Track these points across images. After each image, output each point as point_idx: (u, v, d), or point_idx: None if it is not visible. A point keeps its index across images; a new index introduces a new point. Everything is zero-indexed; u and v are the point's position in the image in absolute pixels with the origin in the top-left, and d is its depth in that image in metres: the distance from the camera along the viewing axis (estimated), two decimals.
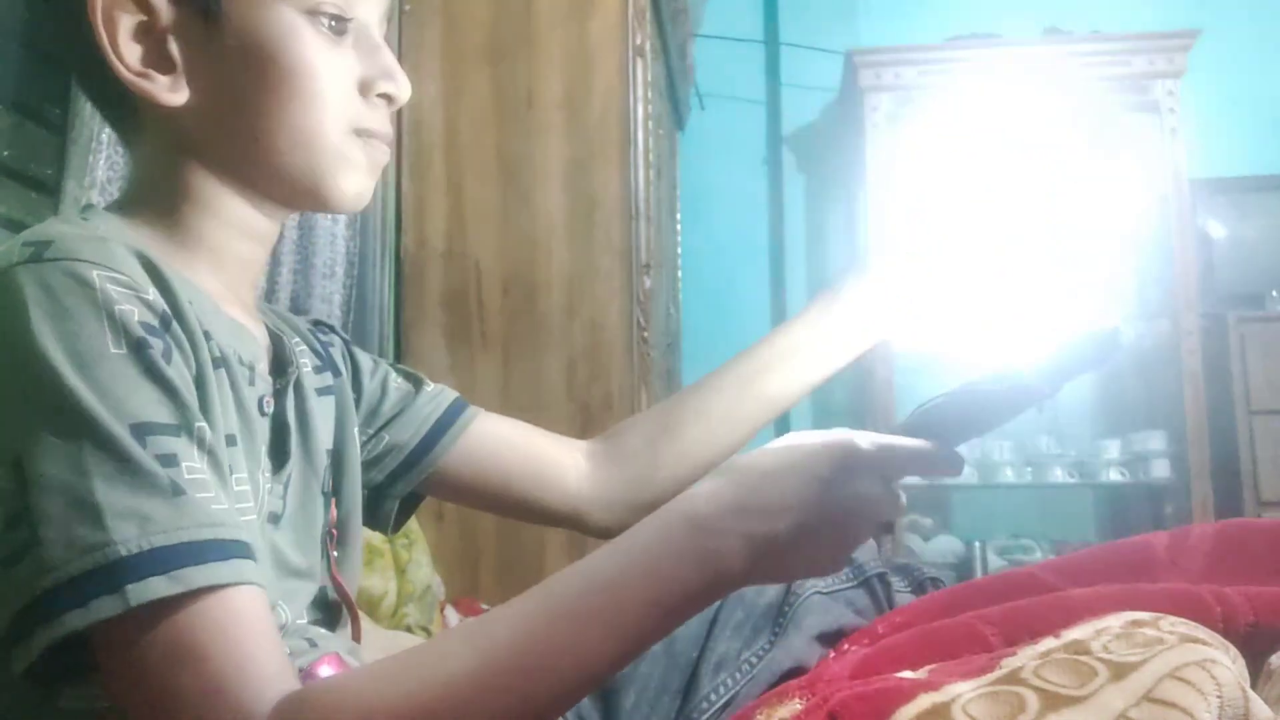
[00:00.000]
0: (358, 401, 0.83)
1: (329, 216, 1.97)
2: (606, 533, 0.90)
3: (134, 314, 0.54)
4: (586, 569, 0.53)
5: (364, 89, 0.68)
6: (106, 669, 0.52)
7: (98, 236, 0.57)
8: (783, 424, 3.43)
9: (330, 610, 0.73)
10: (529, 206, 2.12)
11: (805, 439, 0.55)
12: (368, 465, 0.83)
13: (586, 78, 2.13)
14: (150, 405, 0.53)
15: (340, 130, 0.67)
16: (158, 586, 0.50)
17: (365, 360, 0.86)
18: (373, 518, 0.85)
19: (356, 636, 0.76)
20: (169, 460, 0.52)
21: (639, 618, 0.52)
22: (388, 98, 0.69)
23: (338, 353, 0.83)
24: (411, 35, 2.19)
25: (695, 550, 0.52)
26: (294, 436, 0.71)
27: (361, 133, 0.68)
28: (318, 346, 0.81)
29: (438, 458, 0.85)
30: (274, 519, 0.68)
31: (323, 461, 0.75)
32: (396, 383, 0.87)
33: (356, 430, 0.81)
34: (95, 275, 0.54)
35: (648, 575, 0.52)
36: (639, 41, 2.17)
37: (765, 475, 0.54)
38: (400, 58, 2.18)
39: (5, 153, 1.16)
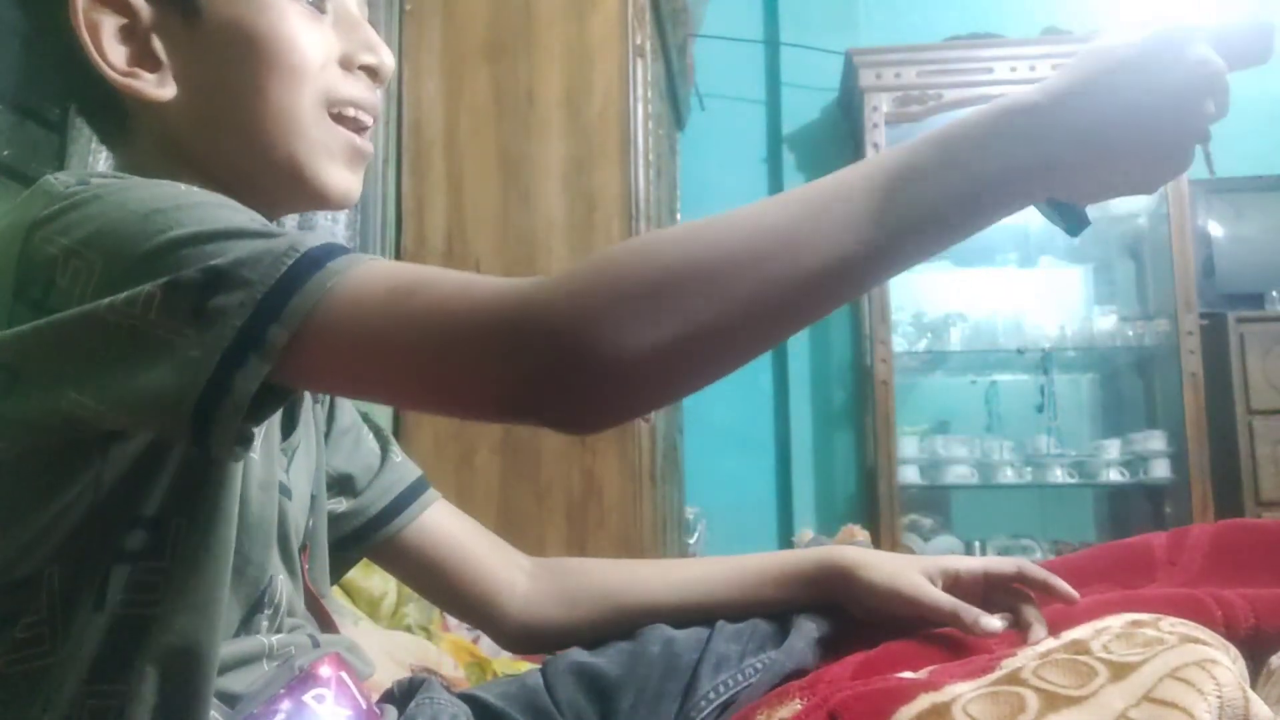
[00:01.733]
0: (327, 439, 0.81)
1: (329, 216, 1.97)
2: (520, 647, 0.89)
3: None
4: (928, 139, 0.51)
5: (345, 64, 0.68)
6: (339, 360, 0.51)
7: None
8: (782, 421, 3.43)
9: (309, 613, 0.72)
10: (529, 205, 2.12)
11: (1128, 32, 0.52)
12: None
13: (586, 77, 2.13)
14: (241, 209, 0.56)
15: (315, 104, 0.66)
16: (353, 258, 0.51)
17: (344, 415, 0.84)
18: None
19: None
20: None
21: (943, 204, 0.50)
22: (370, 70, 0.69)
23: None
24: (411, 34, 2.19)
25: (1024, 128, 0.50)
26: (302, 405, 0.70)
27: (343, 104, 0.67)
28: None
29: (394, 532, 0.82)
30: (285, 491, 0.68)
31: (314, 458, 0.75)
32: (369, 445, 0.85)
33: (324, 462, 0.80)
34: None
35: (966, 151, 0.50)
36: (639, 41, 2.17)
37: (1100, 59, 0.52)
38: (400, 57, 2.18)
39: (5, 152, 1.16)
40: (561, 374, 0.46)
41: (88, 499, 0.56)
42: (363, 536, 0.82)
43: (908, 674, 0.60)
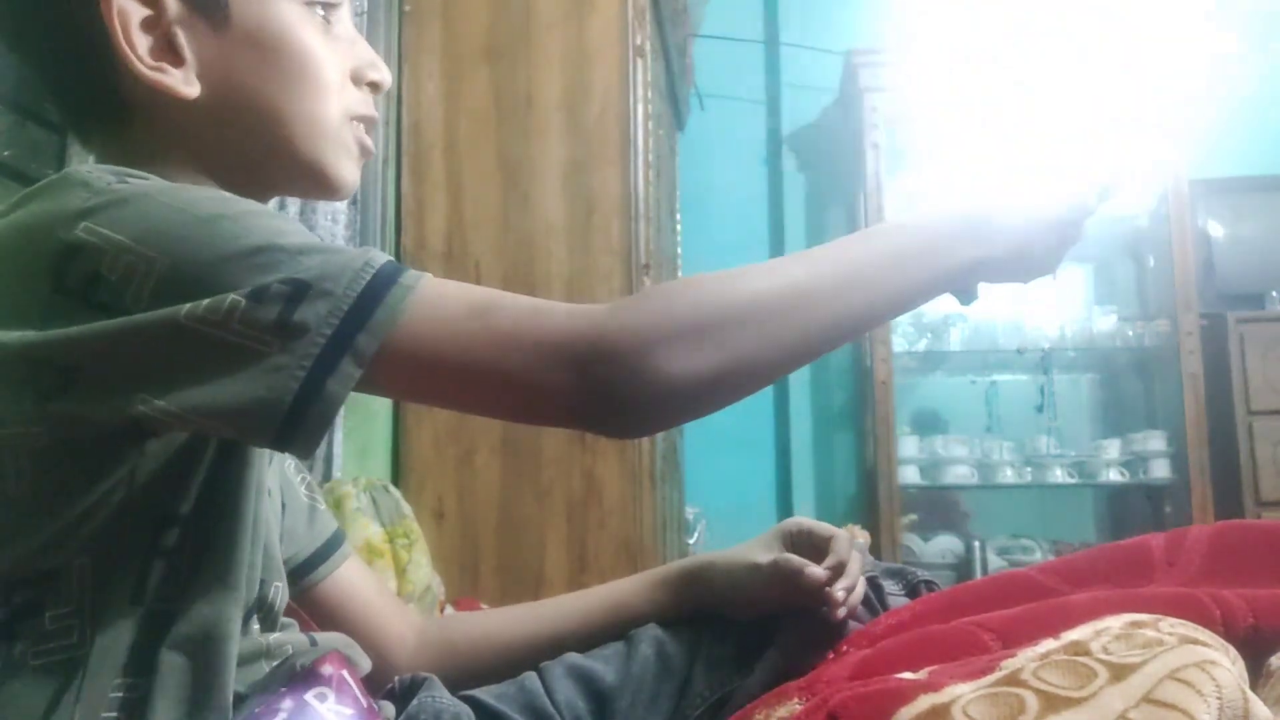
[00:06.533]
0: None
1: (329, 217, 1.97)
2: None
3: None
4: (915, 229, 0.68)
5: (355, 78, 0.71)
6: (420, 369, 0.55)
7: None
8: (782, 421, 3.43)
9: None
10: (528, 207, 2.12)
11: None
12: None
13: (586, 78, 2.13)
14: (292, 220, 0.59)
15: (341, 115, 0.69)
16: (420, 274, 0.55)
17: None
18: None
19: None
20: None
21: (919, 278, 0.65)
22: (374, 85, 0.72)
23: None
24: (411, 35, 2.19)
25: (972, 232, 0.67)
26: None
27: (357, 119, 0.71)
28: None
29: (316, 580, 0.83)
30: (268, 493, 0.68)
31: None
32: (299, 486, 0.84)
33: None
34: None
35: (933, 242, 0.66)
36: (639, 41, 2.17)
37: (1035, 193, 0.72)
38: (400, 58, 2.18)
39: (5, 153, 1.17)
40: (620, 391, 0.55)
41: (120, 494, 0.56)
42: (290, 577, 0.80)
43: (907, 674, 0.60)
